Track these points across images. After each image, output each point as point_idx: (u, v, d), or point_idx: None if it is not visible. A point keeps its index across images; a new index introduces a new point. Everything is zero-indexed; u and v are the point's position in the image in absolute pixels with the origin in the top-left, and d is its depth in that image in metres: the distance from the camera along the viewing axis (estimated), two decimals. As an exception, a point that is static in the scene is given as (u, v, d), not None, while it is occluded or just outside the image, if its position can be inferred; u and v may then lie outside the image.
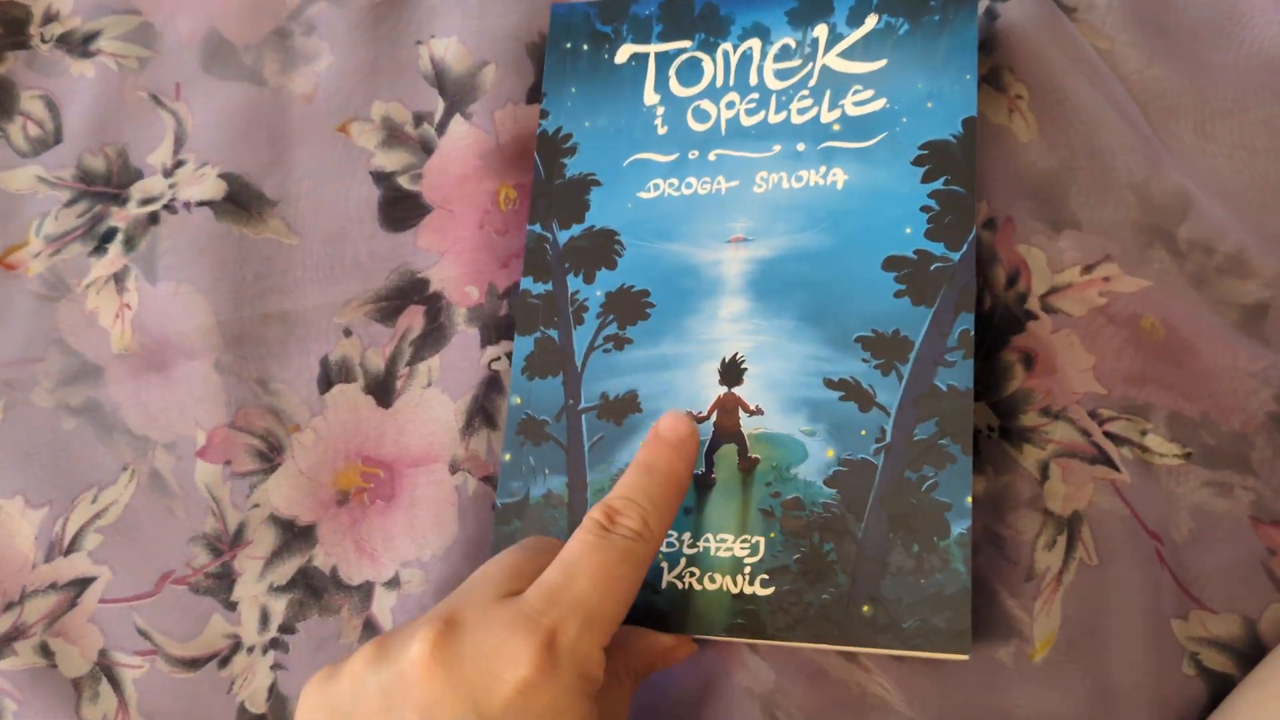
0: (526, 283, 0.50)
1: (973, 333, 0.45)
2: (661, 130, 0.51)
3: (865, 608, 0.43)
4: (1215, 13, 0.54)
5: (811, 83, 0.50)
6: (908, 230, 0.47)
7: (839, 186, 0.48)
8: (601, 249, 0.49)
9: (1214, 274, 0.49)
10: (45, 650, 0.50)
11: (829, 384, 0.46)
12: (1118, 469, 0.46)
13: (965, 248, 0.46)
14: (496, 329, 0.52)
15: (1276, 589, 0.45)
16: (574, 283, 0.49)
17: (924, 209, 0.47)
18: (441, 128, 0.56)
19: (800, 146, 0.49)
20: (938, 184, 0.47)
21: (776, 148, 0.49)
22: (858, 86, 0.49)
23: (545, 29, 0.56)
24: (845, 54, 0.50)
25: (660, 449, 0.43)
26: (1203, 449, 0.47)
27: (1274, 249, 0.49)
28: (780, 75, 0.50)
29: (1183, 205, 0.50)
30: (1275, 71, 0.52)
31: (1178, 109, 0.53)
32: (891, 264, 0.46)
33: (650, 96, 0.51)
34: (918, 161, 0.47)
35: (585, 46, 0.53)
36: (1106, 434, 0.47)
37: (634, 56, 0.52)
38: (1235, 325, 0.48)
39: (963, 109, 0.48)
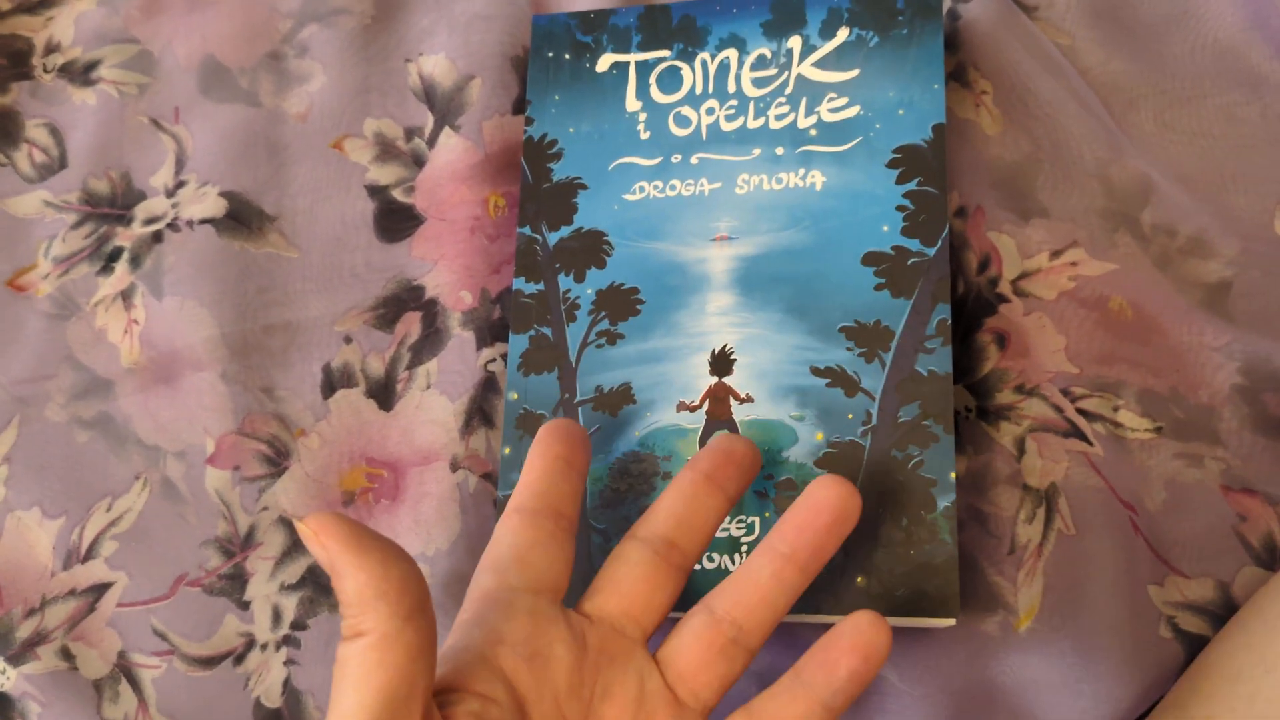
0: (519, 283, 0.51)
1: (950, 321, 0.47)
2: (644, 135, 0.52)
3: (859, 579, 0.45)
4: (1170, 7, 0.56)
5: (788, 90, 0.52)
6: (885, 228, 0.49)
7: (818, 188, 0.50)
8: (590, 249, 0.51)
9: (1177, 255, 0.51)
10: (66, 654, 0.52)
11: (815, 372, 0.48)
12: (1090, 443, 0.48)
13: (940, 243, 0.48)
14: (491, 332, 0.54)
15: (1248, 553, 0.47)
16: (565, 282, 0.51)
17: (899, 208, 0.49)
18: (432, 141, 0.57)
19: (779, 150, 0.51)
20: (911, 185, 0.49)
21: (756, 151, 0.51)
22: (832, 94, 0.51)
23: (528, 43, 0.58)
24: (819, 64, 0.52)
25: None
26: (1173, 422, 0.48)
27: (1233, 230, 0.51)
28: (757, 83, 0.52)
29: (1145, 191, 0.51)
30: (1229, 60, 0.54)
31: (1137, 100, 0.54)
32: (871, 259, 0.48)
33: (632, 103, 0.53)
34: (892, 164, 0.49)
35: (567, 56, 0.54)
36: (1079, 410, 0.48)
37: (615, 65, 0.54)
38: (1199, 304, 0.50)
39: (932, 115, 0.50)
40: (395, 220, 0.57)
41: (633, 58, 0.54)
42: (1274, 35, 0.54)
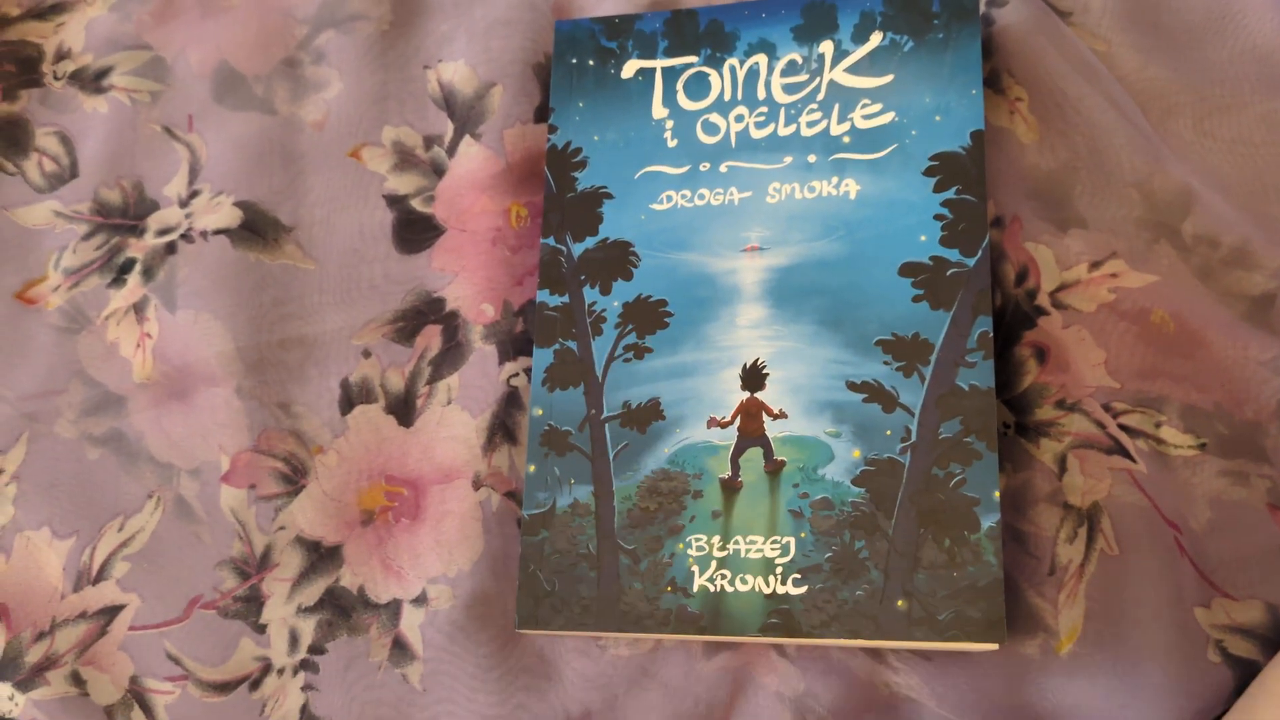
0: (543, 295, 0.50)
1: (991, 334, 0.46)
2: (671, 143, 0.51)
3: (900, 602, 0.44)
4: (1209, 12, 0.55)
5: (820, 97, 0.51)
6: (922, 238, 0.48)
7: (852, 196, 0.49)
8: (616, 260, 0.50)
9: (1219, 267, 0.50)
10: (77, 679, 0.51)
11: (852, 386, 0.46)
12: (1134, 460, 0.47)
13: (980, 253, 0.47)
14: (513, 345, 0.53)
15: (1297, 575, 0.45)
16: (590, 294, 0.50)
17: (937, 217, 0.48)
18: (452, 150, 0.56)
19: (811, 158, 0.50)
20: (949, 193, 0.48)
21: (788, 159, 0.50)
22: (866, 101, 0.50)
23: (550, 49, 0.57)
24: (852, 69, 0.51)
25: None
26: (1217, 439, 0.47)
27: (1277, 241, 0.50)
28: (788, 89, 0.51)
29: (1186, 201, 0.50)
30: (1270, 67, 0.53)
31: (1176, 107, 0.53)
32: (908, 270, 0.47)
33: (659, 110, 0.52)
34: (929, 172, 0.48)
35: (591, 62, 0.54)
36: (1121, 426, 0.47)
37: (640, 71, 0.53)
38: (1243, 316, 0.49)
39: (970, 122, 0.49)
40: (415, 231, 0.56)
41: (659, 64, 0.53)
42: (1316, 42, 0.53)
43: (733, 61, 0.52)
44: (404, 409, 0.53)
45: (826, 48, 0.51)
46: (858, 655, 0.46)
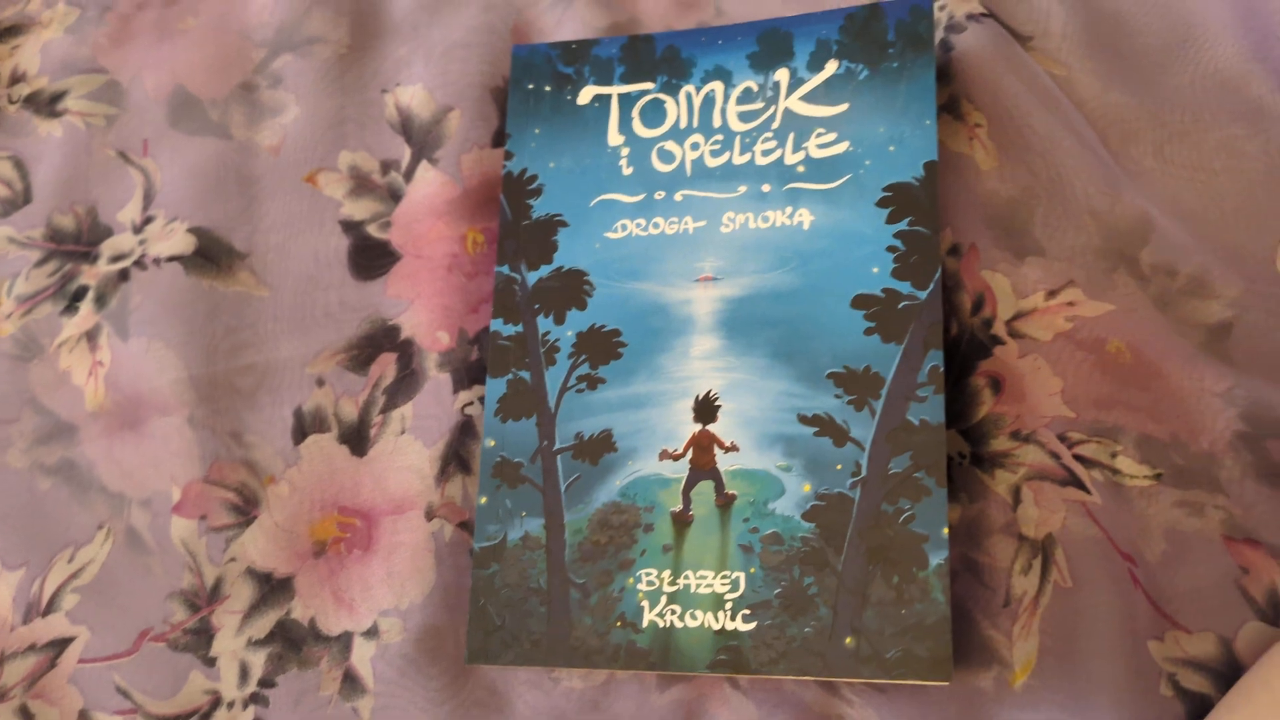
0: (497, 324, 0.50)
1: (942, 369, 0.46)
2: (627, 171, 0.51)
3: (848, 639, 0.44)
4: (1169, 37, 0.55)
5: (775, 125, 0.50)
6: (875, 270, 0.47)
7: (805, 226, 0.49)
8: (571, 289, 0.50)
9: (1177, 296, 0.49)
10: (25, 713, 0.50)
11: (803, 420, 0.46)
12: (1088, 491, 0.46)
13: (932, 286, 0.47)
14: (468, 374, 0.52)
15: (1250, 607, 0.45)
16: (544, 323, 0.50)
17: (890, 249, 0.47)
18: (409, 175, 0.56)
19: (766, 187, 0.50)
20: (902, 225, 0.48)
21: (742, 188, 0.50)
22: (820, 129, 0.50)
23: (509, 72, 0.56)
24: (807, 98, 0.50)
25: None
26: (1173, 469, 0.47)
27: (1235, 269, 0.50)
28: (743, 117, 0.51)
29: (1144, 229, 0.50)
30: (1230, 93, 0.53)
31: (1136, 133, 0.53)
32: (860, 302, 0.47)
33: (614, 137, 0.52)
34: (882, 203, 0.48)
35: (548, 88, 0.53)
36: (1076, 457, 0.47)
37: (597, 98, 0.52)
38: (1200, 346, 0.49)
39: (924, 153, 0.49)
40: (370, 257, 0.55)
41: (615, 90, 0.52)
42: (1276, 67, 0.53)
43: (689, 88, 0.52)
44: (357, 438, 0.52)
45: (782, 75, 0.51)
46: (811, 687, 0.46)
